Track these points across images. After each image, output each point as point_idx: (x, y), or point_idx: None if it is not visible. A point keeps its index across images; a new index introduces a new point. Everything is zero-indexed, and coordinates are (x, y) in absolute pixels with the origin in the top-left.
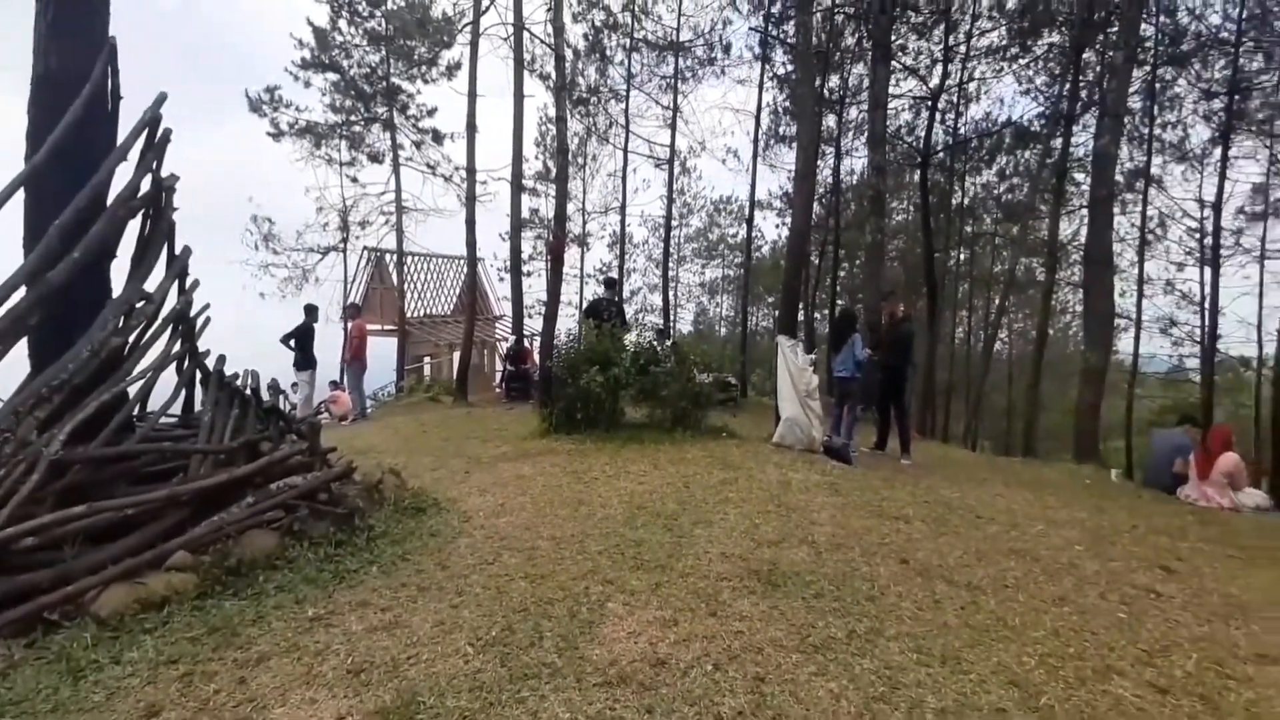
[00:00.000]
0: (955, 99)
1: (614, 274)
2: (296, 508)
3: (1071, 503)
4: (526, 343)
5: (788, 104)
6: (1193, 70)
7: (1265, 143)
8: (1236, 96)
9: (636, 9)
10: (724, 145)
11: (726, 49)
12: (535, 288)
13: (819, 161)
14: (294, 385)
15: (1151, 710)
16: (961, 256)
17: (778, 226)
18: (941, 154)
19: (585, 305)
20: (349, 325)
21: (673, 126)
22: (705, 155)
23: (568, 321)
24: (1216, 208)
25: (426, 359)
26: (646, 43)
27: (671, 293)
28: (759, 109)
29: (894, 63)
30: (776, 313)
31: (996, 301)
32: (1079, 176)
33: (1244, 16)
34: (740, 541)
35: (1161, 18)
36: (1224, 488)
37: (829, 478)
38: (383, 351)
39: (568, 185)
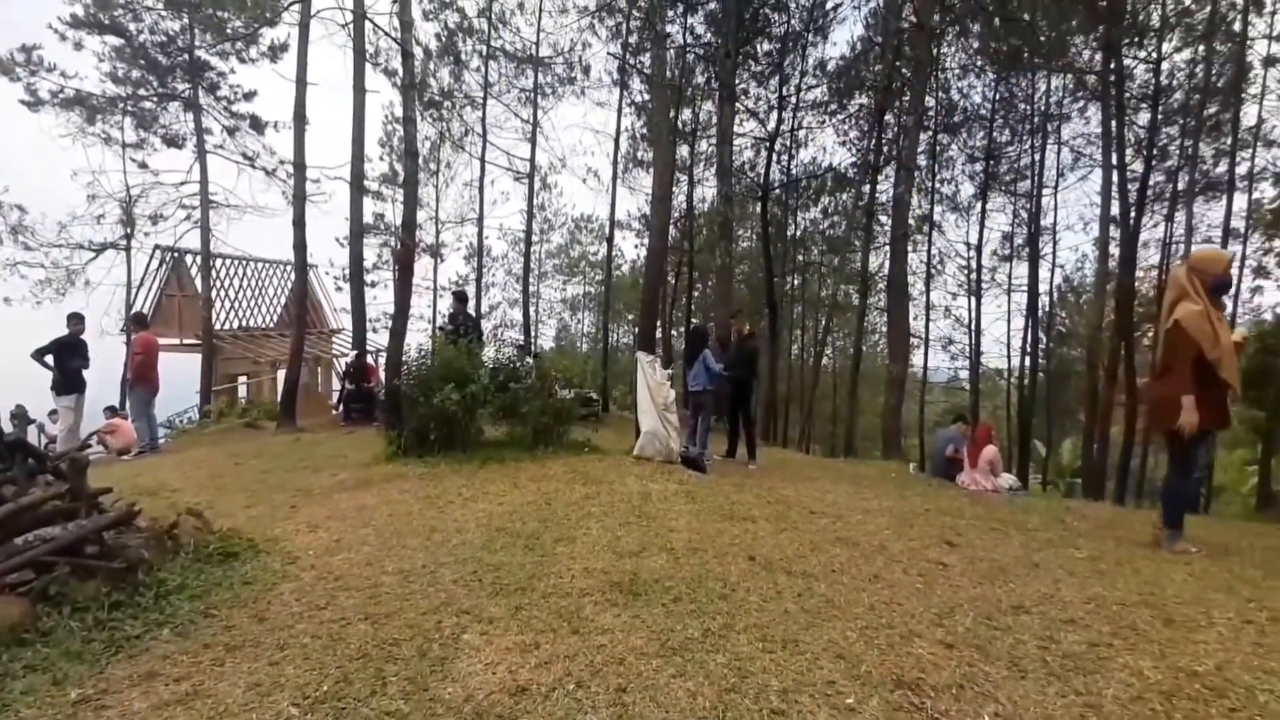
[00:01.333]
0: (789, 143)
1: (466, 287)
2: (53, 565)
3: (882, 494)
4: (370, 359)
5: (645, 131)
6: (961, 137)
7: (1011, 199)
8: (991, 161)
9: (494, 17)
10: (585, 164)
11: (586, 70)
12: (381, 299)
13: (674, 187)
14: (52, 413)
15: (942, 663)
16: (795, 282)
17: (637, 246)
18: (778, 190)
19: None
20: (132, 339)
21: (533, 140)
22: (566, 172)
23: (418, 336)
24: (978, 249)
25: (242, 378)
26: (504, 53)
27: (533, 308)
28: (618, 132)
29: (738, 104)
30: (636, 329)
31: (823, 322)
32: (882, 218)
33: (996, 98)
34: (602, 555)
35: (940, 93)
36: (988, 474)
37: (686, 486)
38: (183, 370)
39: (418, 191)
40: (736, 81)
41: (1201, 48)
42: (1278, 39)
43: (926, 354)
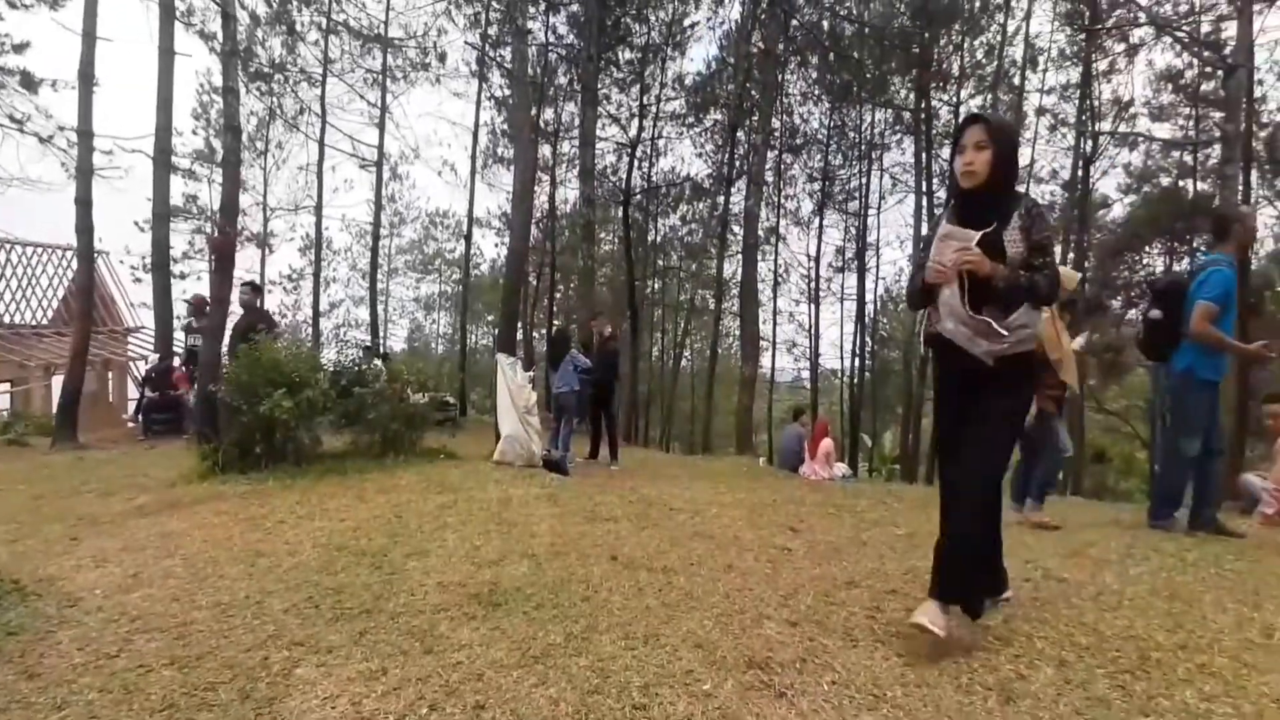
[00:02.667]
0: (650, 150)
1: (255, 278)
2: None
3: (736, 487)
4: (178, 362)
5: (505, 127)
6: (802, 158)
7: (843, 217)
8: (827, 181)
9: None
10: (440, 156)
11: (442, 58)
12: (194, 293)
13: (536, 187)
14: None
15: (788, 641)
16: (656, 286)
17: (497, 245)
18: (640, 195)
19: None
20: None
21: (381, 126)
22: (420, 164)
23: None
24: (816, 261)
25: (4, 386)
26: (348, 28)
27: (382, 307)
28: (476, 126)
29: (601, 108)
30: (496, 330)
31: (682, 325)
32: (735, 228)
33: (831, 126)
34: (460, 567)
35: (785, 116)
36: (825, 464)
37: (548, 490)
38: None
39: (240, 171)
40: (599, 85)
41: (990, 96)
42: (1046, 92)
43: (774, 356)
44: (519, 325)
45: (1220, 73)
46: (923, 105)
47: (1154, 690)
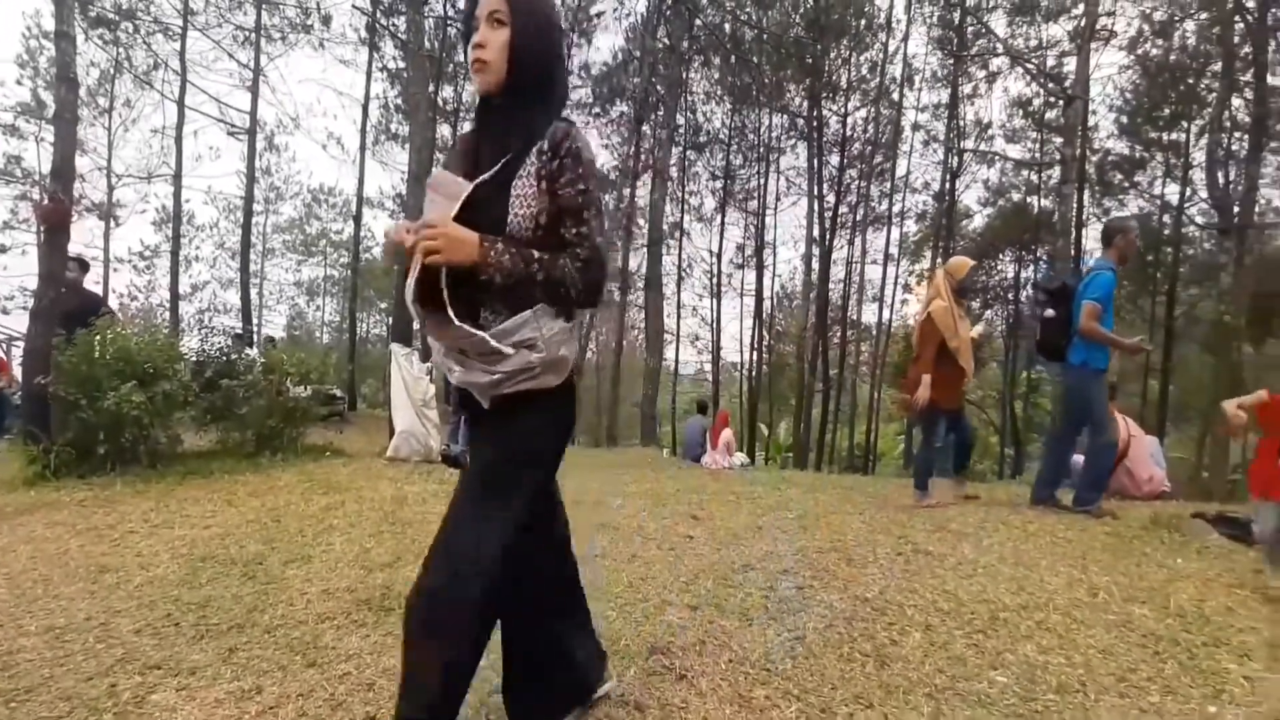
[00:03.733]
0: None
1: (83, 253)
2: None
3: (640, 477)
4: None
5: (400, 102)
6: (705, 156)
7: (743, 215)
8: (728, 180)
9: None
10: (325, 128)
11: (326, 21)
12: (15, 269)
13: (435, 168)
14: None
15: (688, 625)
16: None
17: None
18: None
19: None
20: None
21: (254, 90)
22: (301, 135)
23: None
24: (718, 257)
25: None
26: None
27: (256, 291)
28: (367, 99)
29: None
30: (391, 319)
31: (589, 317)
32: (641, 221)
33: (732, 126)
34: (348, 572)
35: (689, 113)
36: (725, 454)
37: (446, 486)
38: None
39: (76, 130)
40: None
41: (874, 109)
42: (920, 110)
43: (678, 349)
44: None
45: (1061, 102)
46: (814, 113)
47: (1002, 646)
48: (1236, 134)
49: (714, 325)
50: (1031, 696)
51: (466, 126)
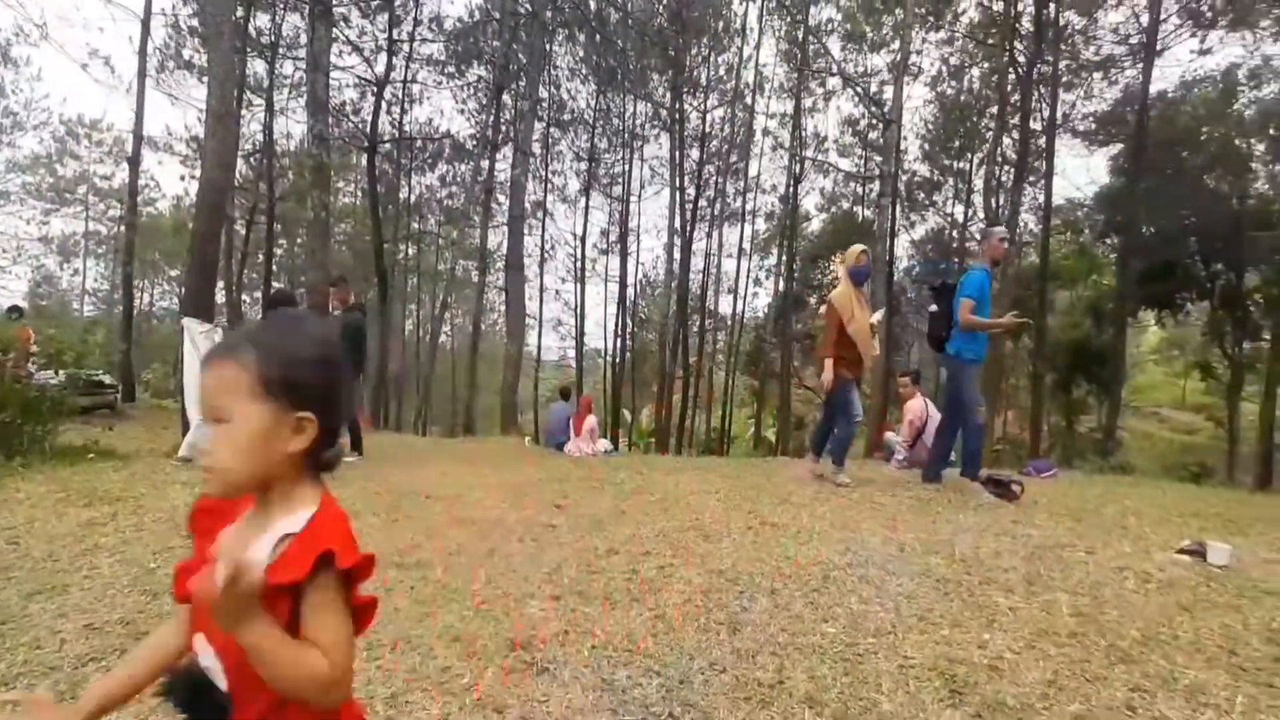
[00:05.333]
0: (402, 94)
1: None
2: None
3: (501, 468)
4: None
5: (196, 24)
6: (570, 136)
7: (608, 200)
8: (593, 163)
9: None
10: (87, 43)
11: None
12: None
13: (244, 110)
14: None
15: (551, 616)
16: (410, 250)
17: (185, 178)
18: (389, 144)
19: None
20: None
21: None
22: (48, 48)
23: None
24: (582, 240)
25: None
26: None
27: None
28: (148, 14)
29: (336, 29)
30: (183, 288)
31: (441, 297)
32: (501, 197)
33: (597, 108)
34: (121, 600)
35: (553, 88)
36: (589, 441)
37: None
38: None
39: None
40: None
41: (730, 110)
42: (770, 116)
43: (540, 333)
44: (218, 283)
45: (881, 125)
46: (677, 106)
47: (832, 601)
48: (1006, 167)
49: (578, 310)
50: (854, 641)
51: (287, 67)
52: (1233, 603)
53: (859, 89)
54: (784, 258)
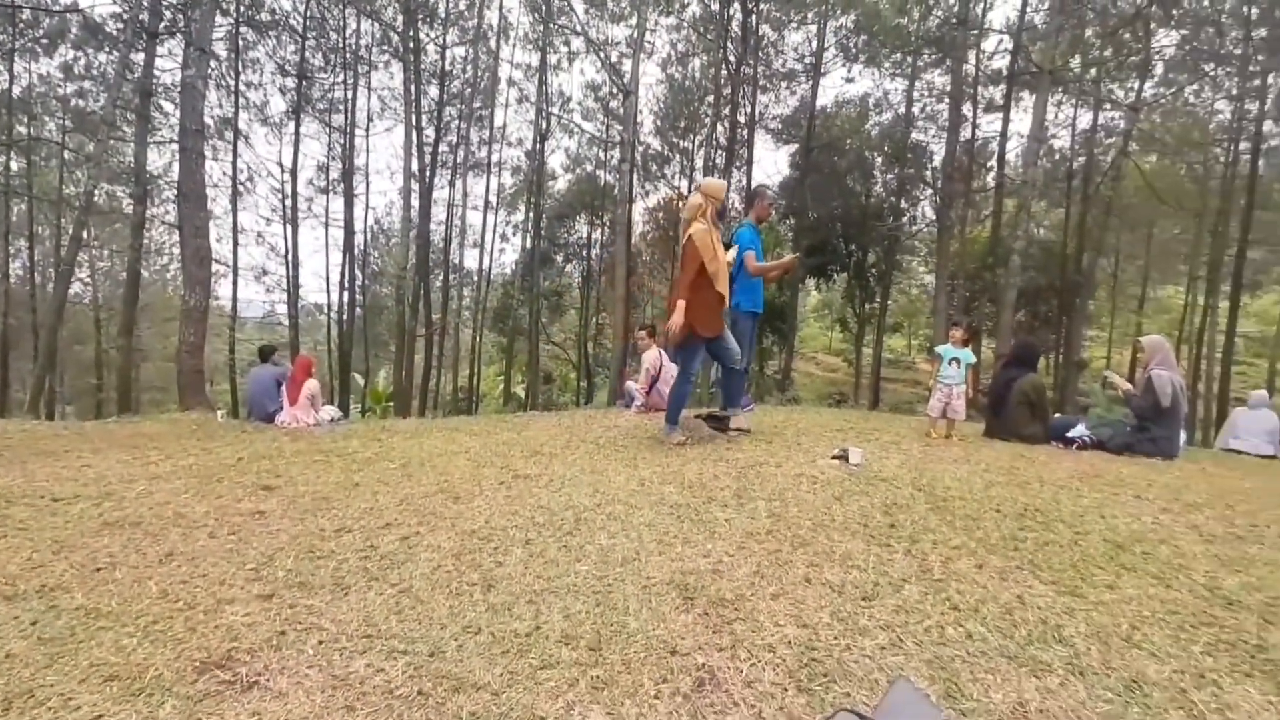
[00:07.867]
0: None
1: None
2: None
3: (177, 452)
4: None
5: None
6: (271, 42)
7: (326, 129)
8: (304, 81)
9: None
10: None
11: None
12: None
13: None
14: None
15: (259, 619)
16: (17, 165)
17: None
18: None
19: None
20: None
21: None
22: None
23: None
24: (294, 174)
25: None
26: None
27: None
28: None
29: None
30: None
31: (71, 231)
32: (167, 105)
33: (309, 15)
34: None
35: None
36: (308, 409)
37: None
38: None
39: None
40: None
41: (472, 50)
42: (516, 66)
43: (236, 284)
44: None
45: (621, 94)
46: (411, 34)
47: (584, 541)
48: (719, 151)
49: (290, 258)
50: (604, 574)
51: None
52: (865, 490)
53: (601, 54)
54: (531, 214)
